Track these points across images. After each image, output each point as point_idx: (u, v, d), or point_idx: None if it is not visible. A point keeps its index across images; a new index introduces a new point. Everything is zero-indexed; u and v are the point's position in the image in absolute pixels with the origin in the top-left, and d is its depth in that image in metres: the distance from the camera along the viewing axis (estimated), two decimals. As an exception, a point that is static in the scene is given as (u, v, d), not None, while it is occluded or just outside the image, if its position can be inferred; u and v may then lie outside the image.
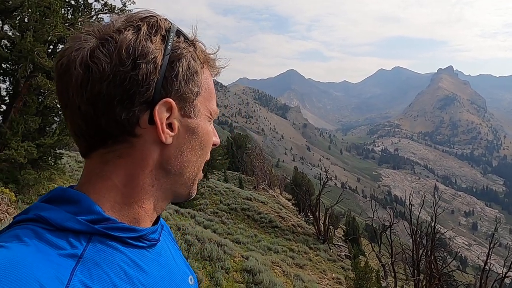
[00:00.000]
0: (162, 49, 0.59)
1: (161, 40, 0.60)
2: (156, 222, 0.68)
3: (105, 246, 0.56)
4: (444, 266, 20.18)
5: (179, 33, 0.63)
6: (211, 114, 0.68)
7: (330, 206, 26.47)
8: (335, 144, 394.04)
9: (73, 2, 12.31)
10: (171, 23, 0.63)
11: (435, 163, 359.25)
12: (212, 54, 0.68)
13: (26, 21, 10.55)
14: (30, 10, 10.19)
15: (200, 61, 0.64)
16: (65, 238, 0.53)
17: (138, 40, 0.58)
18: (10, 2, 10.48)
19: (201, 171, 0.70)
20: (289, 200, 39.97)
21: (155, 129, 0.59)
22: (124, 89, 0.56)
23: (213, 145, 0.70)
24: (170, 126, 0.61)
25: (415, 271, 19.34)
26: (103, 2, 12.82)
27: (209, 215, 21.20)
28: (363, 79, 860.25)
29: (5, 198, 7.02)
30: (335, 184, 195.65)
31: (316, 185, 38.24)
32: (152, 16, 0.62)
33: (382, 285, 19.85)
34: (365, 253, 27.76)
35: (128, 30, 0.58)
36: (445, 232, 31.15)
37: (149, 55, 0.57)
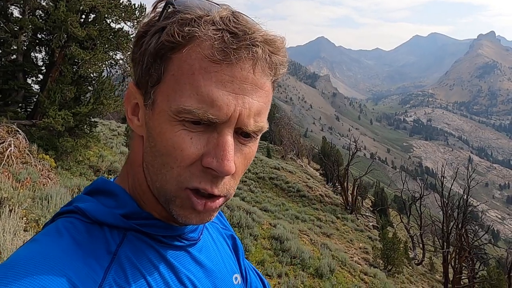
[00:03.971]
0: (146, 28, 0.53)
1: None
2: None
3: (140, 243, 0.53)
4: (475, 239, 19.89)
5: (168, 4, 0.51)
6: (179, 114, 0.47)
7: (359, 177, 26.33)
8: (365, 114, 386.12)
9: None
10: None
11: (470, 134, 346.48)
12: (218, 27, 0.48)
13: (58, -10, 10.67)
14: (62, -21, 10.28)
15: (174, 36, 0.48)
16: (101, 232, 0.51)
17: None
18: (43, -28, 10.59)
19: (193, 198, 0.49)
20: (317, 170, 39.99)
21: None
22: None
23: (205, 166, 0.48)
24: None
25: (445, 244, 19.17)
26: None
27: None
28: (397, 46, 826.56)
29: (46, 164, 7.40)
30: (364, 155, 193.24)
31: (344, 155, 37.96)
32: None
33: (410, 256, 19.83)
34: (393, 224, 27.65)
35: None
36: (477, 205, 30.48)
37: (136, 38, 0.55)
